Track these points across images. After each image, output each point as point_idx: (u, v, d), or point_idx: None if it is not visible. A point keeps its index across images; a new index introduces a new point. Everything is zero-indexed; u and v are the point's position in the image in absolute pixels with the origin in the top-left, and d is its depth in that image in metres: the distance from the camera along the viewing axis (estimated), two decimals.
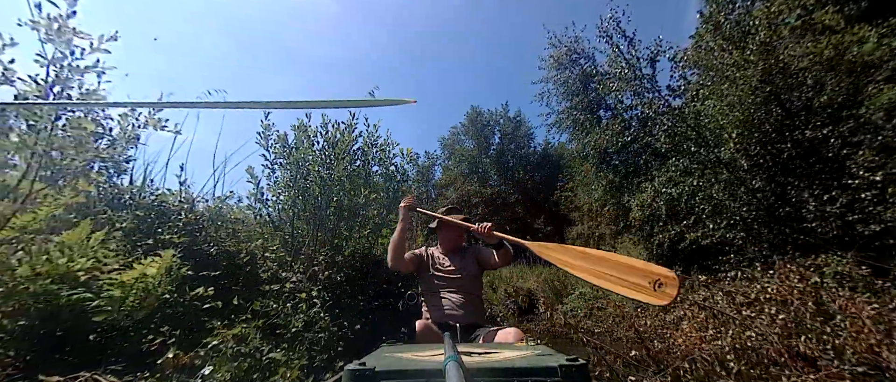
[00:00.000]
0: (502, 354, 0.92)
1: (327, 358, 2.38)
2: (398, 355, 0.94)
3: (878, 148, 4.72)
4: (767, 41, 4.41)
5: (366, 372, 0.68)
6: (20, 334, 1.53)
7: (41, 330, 1.69)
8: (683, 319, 3.54)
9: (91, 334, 1.84)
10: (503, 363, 0.76)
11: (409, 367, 0.73)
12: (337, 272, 3.04)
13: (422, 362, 0.80)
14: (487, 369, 0.72)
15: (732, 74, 4.57)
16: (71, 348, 1.77)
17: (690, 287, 3.96)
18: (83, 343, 1.81)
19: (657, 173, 5.97)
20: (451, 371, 0.54)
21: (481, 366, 0.74)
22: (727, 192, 4.73)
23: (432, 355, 0.91)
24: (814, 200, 4.00)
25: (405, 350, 1.08)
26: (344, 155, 3.59)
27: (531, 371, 0.69)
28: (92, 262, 1.82)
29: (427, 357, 0.89)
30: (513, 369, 0.71)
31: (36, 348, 1.67)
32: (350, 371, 0.69)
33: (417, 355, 0.93)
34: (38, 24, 1.42)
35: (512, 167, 18.78)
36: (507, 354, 0.92)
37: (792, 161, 4.26)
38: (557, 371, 0.68)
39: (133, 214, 2.65)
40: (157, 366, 1.77)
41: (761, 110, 4.42)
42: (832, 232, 3.93)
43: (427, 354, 0.94)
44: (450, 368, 0.56)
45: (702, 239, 5.23)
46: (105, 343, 1.86)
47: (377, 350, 1.11)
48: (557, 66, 9.10)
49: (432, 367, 0.71)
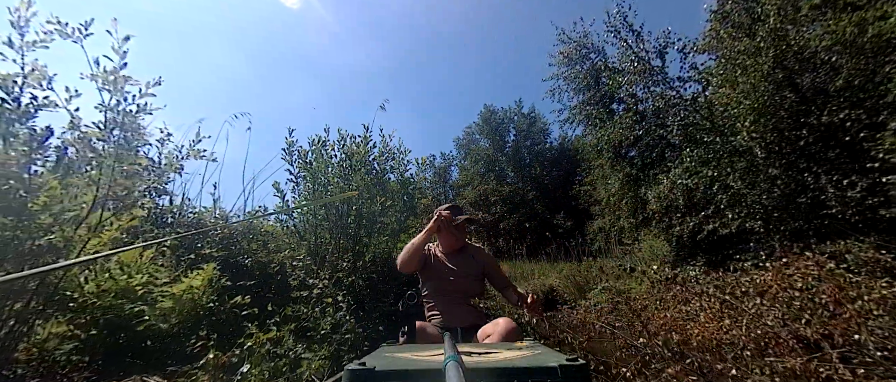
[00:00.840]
0: (502, 354, 0.93)
1: (354, 357, 2.59)
2: (398, 355, 0.95)
3: None
4: (778, 27, 4.35)
5: (366, 372, 0.68)
6: (93, 343, 1.78)
7: (107, 339, 1.96)
8: (700, 311, 3.56)
9: (148, 340, 2.10)
10: (503, 363, 0.77)
11: (410, 367, 0.73)
12: (359, 277, 3.24)
13: (422, 362, 0.81)
14: (487, 369, 0.72)
15: (744, 62, 4.53)
16: (132, 353, 2.03)
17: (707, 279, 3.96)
18: (141, 348, 2.07)
19: (672, 164, 5.94)
20: (450, 371, 0.54)
21: (481, 366, 0.74)
22: (744, 181, 4.68)
23: (432, 355, 0.91)
24: (833, 186, 3.94)
25: (405, 350, 1.08)
26: (361, 166, 3.81)
27: (531, 371, 0.69)
28: (147, 277, 2.07)
29: (427, 357, 0.89)
30: (513, 369, 0.71)
31: (104, 355, 1.93)
32: (350, 370, 0.69)
33: (417, 355, 0.94)
34: (96, 76, 1.66)
35: (529, 164, 18.74)
36: (507, 354, 0.92)
37: (809, 147, 4.19)
38: (557, 371, 0.68)
39: (174, 231, 2.94)
40: (201, 367, 2.01)
41: (775, 97, 4.37)
42: (854, 217, 3.85)
43: (427, 354, 0.94)
44: (450, 368, 0.56)
45: (722, 229, 5.18)
46: (160, 348, 2.11)
47: (377, 350, 1.11)
48: (568, 62, 9.10)
49: (432, 367, 0.72)
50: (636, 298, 5.11)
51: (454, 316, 1.87)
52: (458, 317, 1.86)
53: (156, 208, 2.90)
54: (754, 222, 4.66)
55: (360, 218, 3.71)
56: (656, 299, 4.91)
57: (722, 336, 3.21)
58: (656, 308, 4.37)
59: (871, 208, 3.75)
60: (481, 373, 0.70)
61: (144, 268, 2.15)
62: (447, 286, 1.95)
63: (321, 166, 3.73)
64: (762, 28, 4.41)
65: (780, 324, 2.84)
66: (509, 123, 19.78)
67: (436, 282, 1.98)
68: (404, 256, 1.96)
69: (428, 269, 2.04)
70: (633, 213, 7.88)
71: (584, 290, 7.87)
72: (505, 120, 19.77)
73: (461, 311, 1.89)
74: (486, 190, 17.37)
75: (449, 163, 21.86)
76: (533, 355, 0.89)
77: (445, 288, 1.95)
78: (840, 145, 4.04)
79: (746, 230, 4.89)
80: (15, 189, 1.31)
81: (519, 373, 0.69)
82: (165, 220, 2.92)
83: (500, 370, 0.72)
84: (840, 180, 3.92)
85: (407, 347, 1.16)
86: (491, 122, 19.66)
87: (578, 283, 8.16)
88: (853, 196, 3.83)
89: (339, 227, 3.65)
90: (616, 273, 7.35)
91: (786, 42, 4.35)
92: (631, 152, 7.53)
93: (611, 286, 6.88)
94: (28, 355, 1.65)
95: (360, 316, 2.87)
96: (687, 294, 4.24)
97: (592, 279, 7.89)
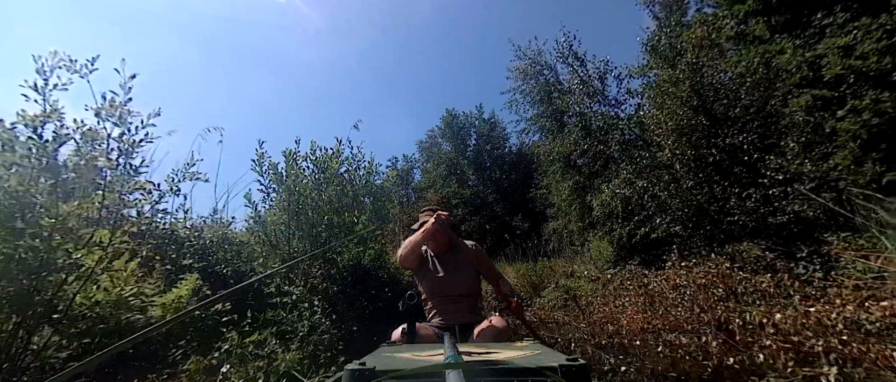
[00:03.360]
0: (502, 354, 0.93)
1: (330, 356, 2.87)
2: (398, 355, 0.96)
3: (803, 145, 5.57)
4: (694, 61, 5.15)
5: (366, 372, 0.68)
6: (93, 349, 1.96)
7: (103, 346, 2.12)
8: (628, 305, 4.20)
9: (140, 346, 2.27)
10: (503, 363, 0.78)
11: (409, 367, 0.73)
12: (333, 283, 3.51)
13: (422, 362, 0.82)
14: (487, 369, 0.73)
15: (667, 89, 5.30)
16: (130, 357, 2.21)
17: (635, 276, 4.63)
18: (135, 353, 2.24)
19: (613, 175, 6.71)
20: (450, 371, 0.54)
21: (481, 366, 0.74)
22: (668, 191, 5.46)
23: (432, 355, 0.92)
24: (735, 197, 4.75)
25: (405, 350, 1.09)
26: (333, 178, 4.05)
27: (531, 370, 0.69)
28: (137, 288, 2.24)
29: (427, 357, 0.90)
30: (513, 369, 0.71)
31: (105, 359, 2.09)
32: (350, 370, 0.69)
33: (417, 355, 0.95)
34: (102, 108, 1.85)
35: (489, 168, 19.43)
36: (507, 354, 0.93)
37: (717, 164, 5.01)
38: (557, 371, 0.68)
39: (148, 243, 3.05)
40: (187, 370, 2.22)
41: (692, 121, 5.16)
42: (751, 224, 4.68)
43: (427, 354, 0.95)
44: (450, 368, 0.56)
45: (651, 233, 5.96)
46: (151, 353, 2.29)
47: (377, 349, 1.12)
48: (523, 76, 9.80)
49: (432, 367, 0.71)
50: (582, 295, 5.79)
51: (452, 315, 1.89)
52: (456, 315, 1.88)
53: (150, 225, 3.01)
54: (677, 226, 5.44)
55: (332, 228, 3.96)
56: (599, 295, 5.60)
57: (644, 324, 3.86)
58: (598, 303, 5.03)
59: (763, 216, 4.59)
60: (481, 373, 0.71)
61: (132, 278, 2.31)
62: (442, 285, 1.96)
63: (295, 178, 3.94)
64: (682, 61, 5.19)
65: (685, 311, 3.53)
66: (471, 128, 20.41)
67: (431, 282, 1.99)
68: (404, 251, 2.00)
69: (423, 270, 2.06)
70: (581, 217, 8.66)
71: (538, 288, 8.54)
72: (466, 125, 20.38)
73: (458, 309, 1.91)
74: (448, 193, 17.86)
75: (412, 165, 22.19)
76: (533, 355, 0.90)
77: (441, 288, 1.96)
78: (740, 163, 4.87)
79: (671, 234, 5.68)
80: (42, 215, 1.50)
81: (519, 373, 0.70)
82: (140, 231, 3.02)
83: (500, 370, 0.73)
84: (740, 193, 4.75)
85: (407, 347, 1.18)
86: (453, 126, 20.18)
87: (534, 282, 8.82)
88: (749, 206, 4.66)
89: (310, 236, 3.88)
90: (567, 272, 8.08)
91: (700, 74, 5.15)
92: (579, 161, 8.31)
93: (563, 284, 7.58)
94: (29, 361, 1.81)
95: (333, 319, 3.14)
96: (621, 290, 4.93)
97: (546, 279, 8.58)
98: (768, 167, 4.49)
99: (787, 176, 4.55)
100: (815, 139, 5.73)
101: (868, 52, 5.75)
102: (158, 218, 3.47)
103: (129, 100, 1.87)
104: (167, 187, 2.06)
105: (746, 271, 3.67)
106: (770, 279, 3.42)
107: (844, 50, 6.08)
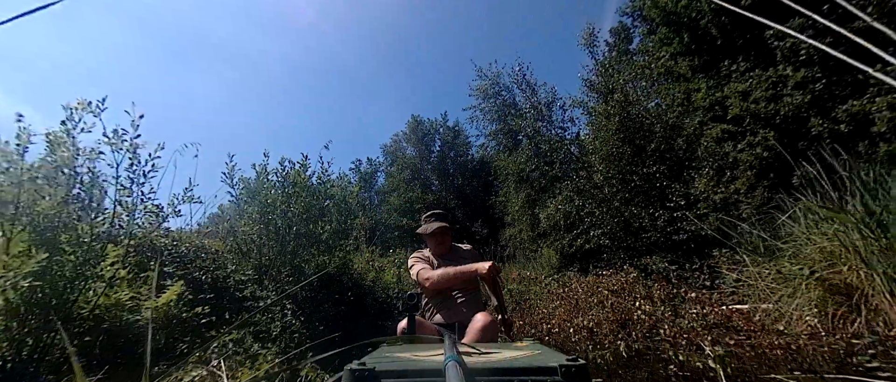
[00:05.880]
0: (502, 354, 0.93)
1: (299, 353, 3.31)
2: (398, 355, 0.95)
3: (716, 169, 6.67)
4: (623, 99, 6.06)
5: (366, 372, 0.68)
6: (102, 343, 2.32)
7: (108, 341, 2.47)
8: (559, 307, 4.96)
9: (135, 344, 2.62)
10: (503, 363, 0.78)
11: (410, 367, 0.74)
12: (302, 289, 3.94)
13: (422, 362, 0.82)
14: (487, 369, 0.73)
15: (600, 121, 6.18)
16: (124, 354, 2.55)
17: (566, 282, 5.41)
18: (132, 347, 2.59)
19: (558, 191, 7.57)
20: (450, 371, 0.55)
21: (481, 366, 0.74)
22: (600, 209, 6.34)
23: (432, 355, 0.92)
24: (649, 217, 5.68)
25: (405, 349, 1.10)
26: (301, 191, 4.46)
27: (531, 370, 0.70)
28: (132, 292, 2.59)
29: (427, 356, 0.90)
30: (512, 369, 0.72)
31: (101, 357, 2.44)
32: (350, 370, 0.69)
33: (417, 355, 0.95)
34: (113, 142, 2.23)
35: (452, 174, 20.03)
36: (507, 354, 0.93)
37: (637, 188, 5.94)
38: (557, 371, 0.68)
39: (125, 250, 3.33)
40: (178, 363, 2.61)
41: (619, 149, 6.07)
42: (661, 240, 5.62)
43: (427, 354, 0.95)
44: (450, 368, 0.56)
45: (586, 245, 6.84)
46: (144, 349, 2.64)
47: (377, 349, 1.13)
48: (484, 95, 10.57)
49: (432, 367, 0.72)
50: (529, 299, 6.56)
51: (453, 312, 2.00)
52: (458, 312, 1.99)
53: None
54: (606, 240, 6.33)
55: (300, 237, 4.37)
56: (541, 298, 6.37)
57: (570, 323, 4.61)
58: (541, 305, 5.78)
59: (669, 234, 5.54)
60: (481, 373, 0.71)
61: (125, 283, 2.65)
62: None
63: (266, 191, 4.31)
64: (613, 98, 6.09)
65: (600, 313, 4.30)
66: (435, 134, 20.94)
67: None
68: (441, 283, 2.00)
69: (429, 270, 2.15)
70: (532, 227, 9.51)
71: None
72: (431, 131, 20.89)
73: (459, 306, 2.02)
74: (411, 197, 18.28)
75: (376, 168, 22.41)
76: (533, 355, 0.90)
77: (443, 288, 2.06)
78: (654, 188, 5.83)
79: (602, 246, 6.58)
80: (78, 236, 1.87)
81: (519, 373, 0.70)
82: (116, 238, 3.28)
83: (499, 370, 0.73)
84: (653, 213, 5.68)
85: (407, 347, 1.19)
86: (418, 131, 20.63)
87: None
88: (660, 225, 5.60)
89: (280, 244, 4.27)
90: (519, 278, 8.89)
91: (627, 110, 6.07)
92: (530, 177, 9.16)
93: (514, 288, 8.35)
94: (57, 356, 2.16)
95: (302, 320, 3.58)
96: (555, 295, 5.70)
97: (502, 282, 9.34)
98: (674, 193, 5.44)
99: (690, 201, 5.54)
100: (725, 164, 6.90)
101: (759, 98, 6.99)
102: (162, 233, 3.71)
103: (137, 136, 2.26)
104: (170, 210, 2.44)
105: (650, 279, 4.52)
106: (667, 285, 4.28)
107: (743, 94, 7.33)
